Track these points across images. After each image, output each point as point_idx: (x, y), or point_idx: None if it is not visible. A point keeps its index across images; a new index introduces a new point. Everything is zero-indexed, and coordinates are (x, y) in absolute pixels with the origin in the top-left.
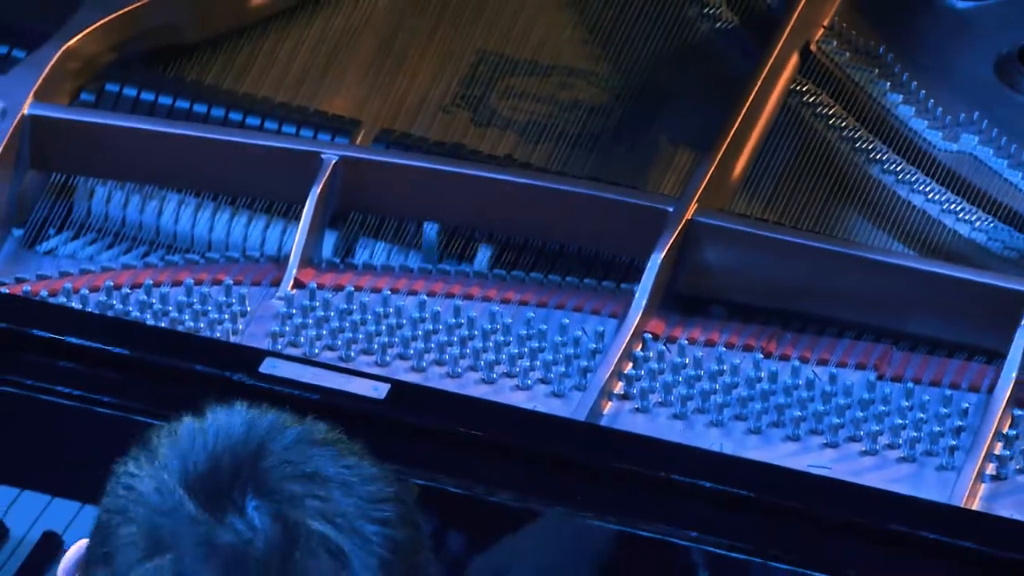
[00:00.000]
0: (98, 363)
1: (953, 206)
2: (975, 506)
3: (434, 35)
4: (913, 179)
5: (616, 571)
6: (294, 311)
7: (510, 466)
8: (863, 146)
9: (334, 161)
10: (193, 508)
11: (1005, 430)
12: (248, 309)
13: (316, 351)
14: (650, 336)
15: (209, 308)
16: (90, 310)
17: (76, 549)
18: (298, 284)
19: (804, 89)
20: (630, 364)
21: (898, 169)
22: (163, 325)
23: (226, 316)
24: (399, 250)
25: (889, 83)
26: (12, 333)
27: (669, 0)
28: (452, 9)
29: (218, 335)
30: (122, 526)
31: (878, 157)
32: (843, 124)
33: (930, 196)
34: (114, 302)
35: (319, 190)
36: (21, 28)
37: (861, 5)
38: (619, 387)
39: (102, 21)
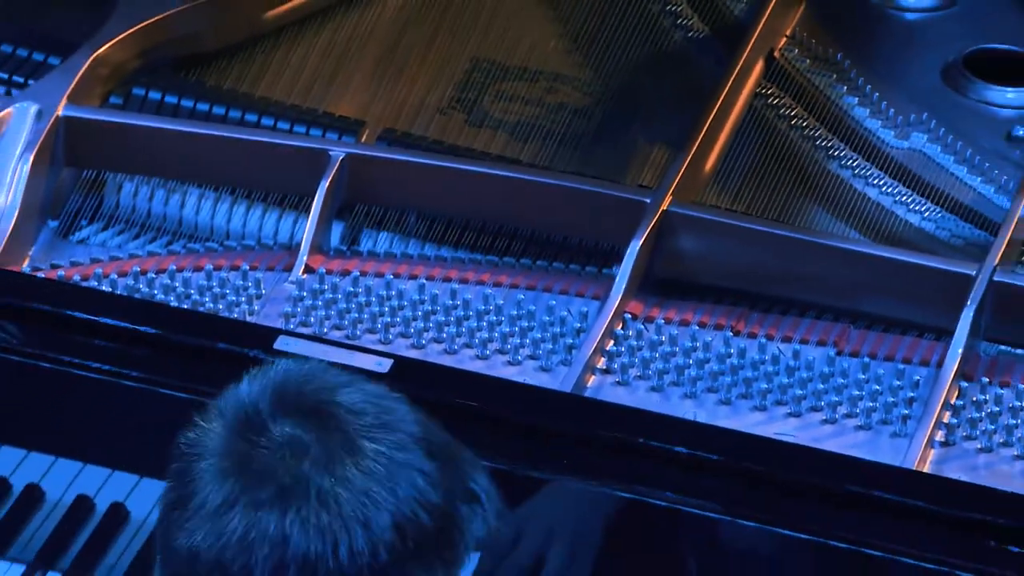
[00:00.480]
0: (127, 341)
1: (904, 198)
2: (926, 469)
3: (432, 44)
4: (868, 173)
5: (599, 529)
6: (305, 294)
7: (502, 434)
8: (822, 144)
9: (341, 158)
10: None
11: (953, 401)
12: (263, 292)
13: (325, 330)
14: (629, 316)
15: (227, 291)
16: (119, 293)
17: None
18: (308, 269)
19: (769, 93)
20: (611, 342)
21: (854, 164)
22: (186, 307)
23: (243, 299)
24: (400, 239)
25: (846, 87)
26: (49, 314)
27: (645, 12)
28: (449, 20)
29: (236, 315)
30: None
31: (836, 154)
32: (804, 124)
33: (883, 189)
34: (141, 286)
35: (327, 184)
36: (55, 37)
37: (820, 17)
38: (601, 362)
39: (129, 31)
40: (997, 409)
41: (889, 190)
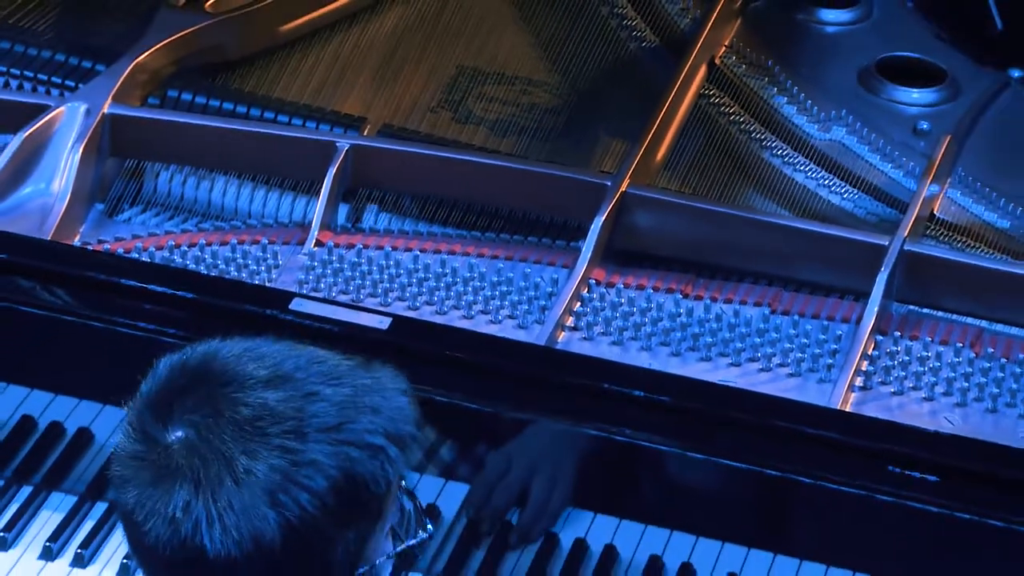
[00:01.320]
0: (165, 304)
1: (827, 181)
2: (847, 409)
3: (424, 54)
4: (795, 161)
5: (568, 460)
6: (316, 264)
7: (485, 381)
8: (756, 136)
9: (346, 148)
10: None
11: (870, 352)
12: (280, 263)
13: (333, 294)
14: (593, 282)
15: (249, 262)
16: (157, 263)
17: None
18: (319, 243)
19: (711, 94)
20: (578, 303)
21: (784, 154)
22: (214, 275)
23: (262, 268)
24: (397, 217)
25: (776, 88)
26: (98, 281)
27: (605, 26)
28: (438, 34)
29: (257, 282)
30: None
31: (768, 144)
32: (741, 120)
33: (809, 174)
34: (175, 258)
35: (334, 171)
36: (101, 47)
37: (754, 30)
38: (570, 321)
39: (165, 42)
40: (907, 359)
41: (814, 175)
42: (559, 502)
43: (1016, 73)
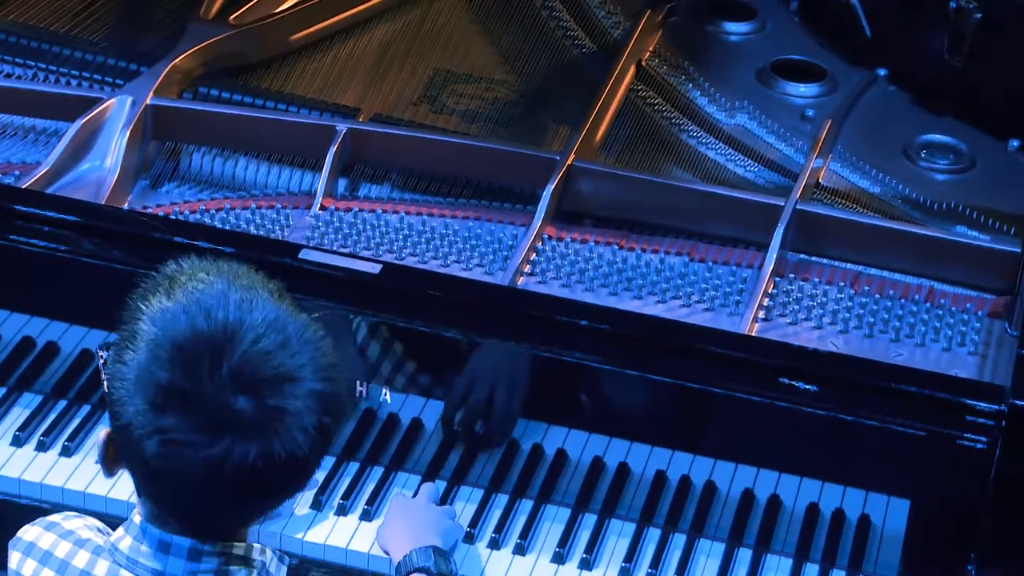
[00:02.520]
0: (198, 255)
1: (733, 157)
2: (752, 334)
3: (407, 59)
4: (708, 141)
5: (525, 378)
6: (320, 224)
7: (459, 315)
8: (676, 122)
9: (344, 131)
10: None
11: (770, 291)
12: (291, 223)
13: (334, 247)
14: (546, 236)
15: (266, 222)
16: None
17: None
18: (322, 208)
19: (639, 89)
20: (533, 254)
21: (698, 136)
22: (238, 231)
23: (276, 227)
24: (386, 187)
25: (691, 84)
26: (144, 237)
27: (552, 36)
28: (418, 44)
29: (273, 238)
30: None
31: (686, 129)
32: (663, 109)
33: (718, 151)
34: (205, 219)
35: (334, 150)
36: (144, 53)
37: (673, 39)
38: (527, 268)
39: (195, 48)
40: (800, 296)
41: (723, 152)
42: (518, 412)
43: (882, 72)
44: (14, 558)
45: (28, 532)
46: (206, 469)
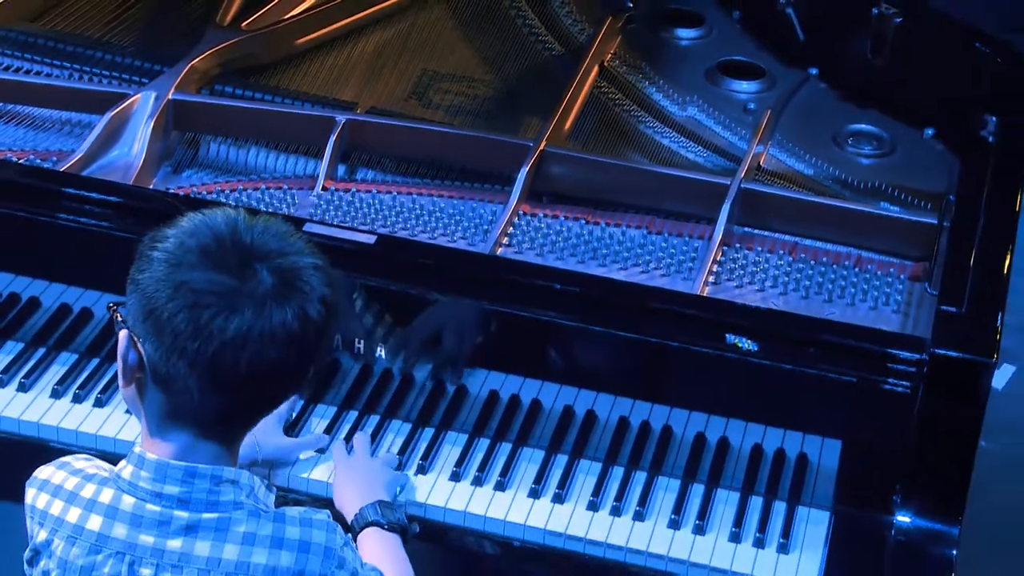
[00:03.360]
0: None
1: (685, 145)
2: (704, 294)
3: (398, 61)
4: (663, 131)
5: (501, 335)
6: (322, 203)
7: (447, 280)
8: (635, 115)
9: (343, 122)
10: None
11: (718, 259)
12: (296, 202)
13: (335, 222)
14: (522, 212)
15: (274, 201)
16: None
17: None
18: (324, 189)
19: (602, 86)
20: (511, 228)
21: (654, 126)
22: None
23: (284, 205)
24: (379, 171)
25: (648, 81)
26: (168, 214)
27: (525, 40)
28: (408, 48)
29: (281, 214)
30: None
31: (643, 120)
32: (624, 104)
33: (672, 140)
34: (221, 199)
35: (334, 138)
36: (166, 55)
37: (632, 43)
38: (505, 240)
39: (211, 51)
40: (745, 263)
41: (676, 140)
42: (496, 365)
43: (814, 70)
44: (29, 494)
45: (42, 471)
46: (235, 336)
